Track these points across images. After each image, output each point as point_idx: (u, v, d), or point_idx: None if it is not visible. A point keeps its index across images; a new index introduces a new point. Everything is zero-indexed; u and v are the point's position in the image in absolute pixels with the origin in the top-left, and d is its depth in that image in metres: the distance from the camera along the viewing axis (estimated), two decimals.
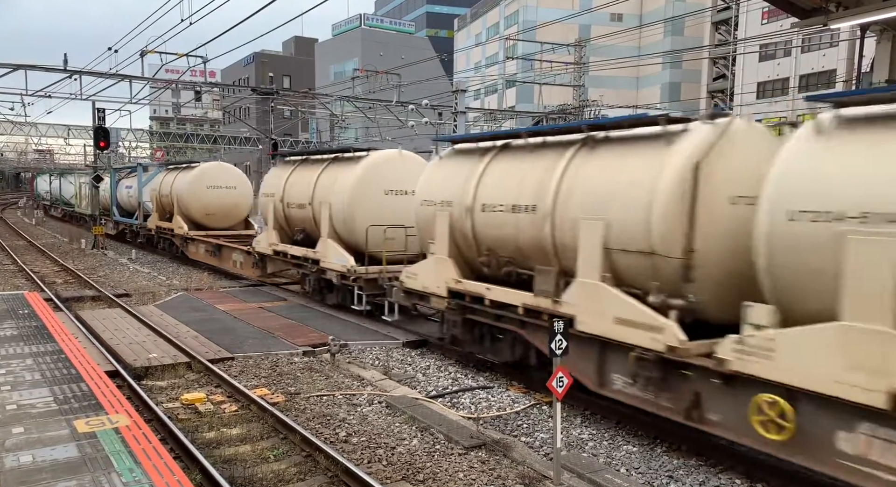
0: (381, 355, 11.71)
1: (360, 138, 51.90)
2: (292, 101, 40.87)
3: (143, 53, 25.17)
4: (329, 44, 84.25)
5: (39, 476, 5.58)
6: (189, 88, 32.93)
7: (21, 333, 10.92)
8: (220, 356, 11.08)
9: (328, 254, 14.91)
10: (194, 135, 55.51)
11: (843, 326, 5.67)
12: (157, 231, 25.85)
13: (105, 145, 27.86)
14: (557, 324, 6.77)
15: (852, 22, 11.17)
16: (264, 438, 7.79)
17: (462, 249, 10.86)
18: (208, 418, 8.37)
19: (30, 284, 19.10)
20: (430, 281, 11.32)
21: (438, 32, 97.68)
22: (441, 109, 35.58)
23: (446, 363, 11.33)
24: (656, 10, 60.47)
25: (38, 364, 9.01)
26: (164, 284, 19.46)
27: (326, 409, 8.82)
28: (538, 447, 7.84)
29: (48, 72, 25.18)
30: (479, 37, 75.24)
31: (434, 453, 7.41)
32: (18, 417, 6.98)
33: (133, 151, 62.34)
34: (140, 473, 5.65)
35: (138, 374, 10.03)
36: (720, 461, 7.37)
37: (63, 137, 51.50)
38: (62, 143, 63.73)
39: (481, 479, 6.75)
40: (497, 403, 9.28)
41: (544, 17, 55.11)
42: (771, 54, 45.61)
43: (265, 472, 6.77)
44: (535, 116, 40.30)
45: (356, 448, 7.51)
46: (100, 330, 12.61)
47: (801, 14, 11.73)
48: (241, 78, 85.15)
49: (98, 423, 6.82)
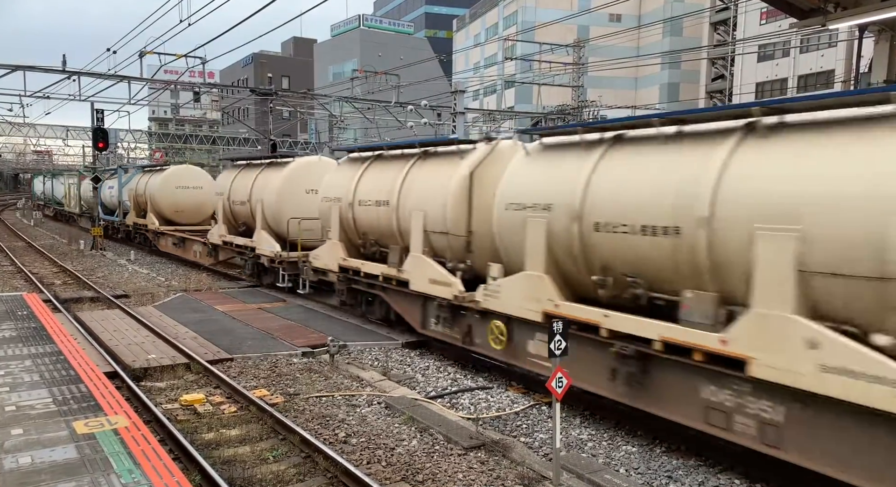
0: (381, 355, 11.71)
1: (359, 139, 51.89)
2: (291, 101, 40.87)
3: (142, 54, 25.14)
4: (328, 44, 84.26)
5: (38, 478, 5.57)
6: (188, 88, 32.93)
7: (20, 334, 10.91)
8: (219, 357, 11.07)
9: (261, 242, 18.07)
10: (193, 136, 55.47)
11: (525, 274, 9.16)
12: (133, 227, 29.38)
13: (104, 146, 27.84)
14: (556, 324, 6.74)
15: (850, 22, 11.19)
16: (263, 439, 7.78)
17: (348, 234, 13.94)
18: (207, 419, 8.36)
19: (28, 285, 19.08)
20: (328, 260, 14.37)
21: (437, 33, 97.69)
22: (440, 110, 35.59)
23: (445, 364, 11.32)
24: (655, 10, 60.49)
25: (37, 366, 9.00)
26: (163, 285, 19.45)
27: (325, 410, 8.82)
28: (537, 447, 7.84)
29: (47, 73, 25.15)
30: (478, 37, 75.23)
31: (433, 453, 7.41)
32: (17, 418, 6.97)
33: (132, 152, 62.26)
34: (139, 474, 5.65)
35: (137, 375, 10.02)
36: (719, 461, 7.38)
37: (62, 138, 51.40)
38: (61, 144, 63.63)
39: (480, 480, 6.75)
40: (496, 403, 9.27)
41: (543, 18, 55.13)
42: (769, 55, 45.63)
43: (264, 473, 6.77)
44: (534, 116, 40.31)
45: (355, 449, 7.50)
46: (99, 331, 12.60)
47: (799, 14, 11.75)
48: (240, 79, 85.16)
49: (97, 424, 6.82)
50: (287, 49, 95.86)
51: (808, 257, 5.88)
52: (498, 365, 10.73)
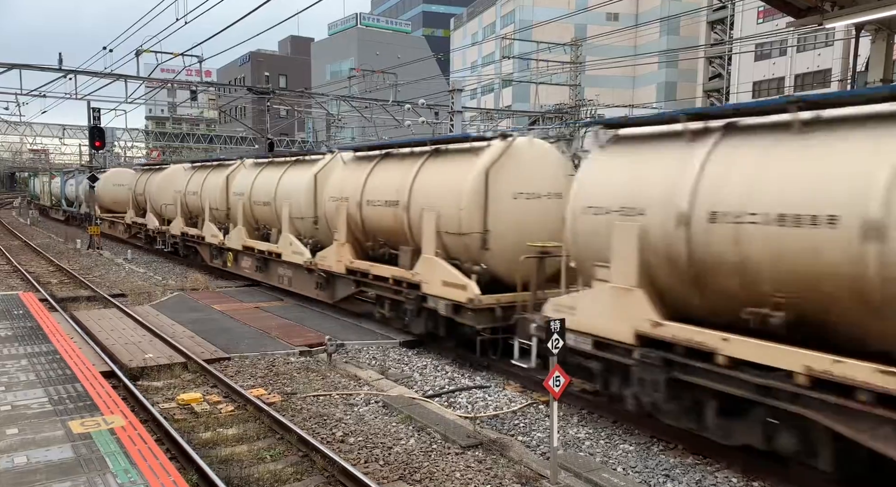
0: (378, 354, 11.70)
1: (356, 138, 51.80)
2: (288, 100, 40.80)
3: (139, 53, 25.08)
4: (325, 43, 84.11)
5: (34, 478, 5.55)
6: (185, 87, 32.86)
7: (16, 333, 10.87)
8: (217, 356, 11.05)
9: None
10: (190, 135, 55.38)
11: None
12: (84, 215, 38.26)
13: (101, 145, 27.75)
14: (554, 323, 6.73)
15: (847, 21, 11.19)
16: (261, 438, 7.76)
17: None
18: (204, 418, 8.34)
19: (25, 284, 19.03)
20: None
21: (435, 32, 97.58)
22: (437, 109, 35.53)
23: (443, 363, 11.31)
24: (652, 9, 60.51)
25: (33, 365, 8.97)
26: (160, 284, 19.41)
27: (323, 409, 8.80)
28: (535, 446, 7.83)
29: (43, 71, 25.06)
30: (476, 36, 75.19)
31: (431, 452, 7.40)
32: (13, 418, 6.95)
33: (129, 151, 62.09)
34: (135, 474, 5.63)
35: (134, 374, 9.99)
36: (716, 459, 7.38)
37: (58, 136, 51.25)
38: (57, 143, 63.47)
39: (478, 479, 6.74)
40: (494, 402, 9.27)
41: (540, 17, 55.09)
42: (766, 54, 45.69)
43: (262, 472, 6.75)
44: (532, 115, 40.30)
45: (353, 448, 7.49)
46: (95, 331, 12.56)
47: (796, 13, 11.74)
48: (237, 77, 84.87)
49: (93, 424, 6.79)
50: (284, 48, 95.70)
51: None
52: (495, 364, 10.71)
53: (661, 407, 7.47)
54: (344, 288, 14.28)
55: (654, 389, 7.40)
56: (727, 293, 6.70)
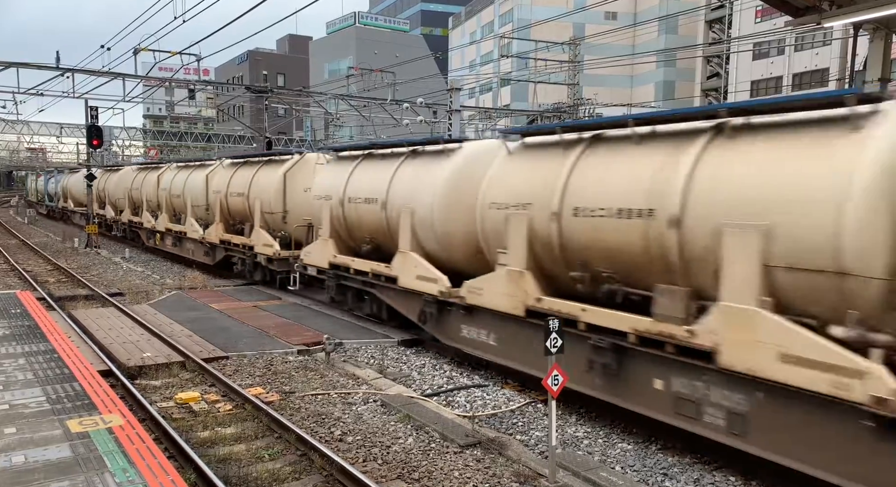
0: (377, 353, 11.69)
1: (354, 137, 51.80)
2: (286, 99, 40.74)
3: (137, 51, 25.03)
4: (323, 42, 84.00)
5: (32, 477, 5.54)
6: (182, 86, 32.79)
7: (13, 332, 10.85)
8: (215, 355, 11.04)
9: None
10: (188, 133, 55.32)
11: None
12: (62, 209, 46.14)
13: (98, 144, 27.71)
14: (552, 322, 6.76)
15: (845, 20, 11.21)
16: (259, 437, 7.76)
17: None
18: (203, 417, 8.34)
19: (22, 283, 18.99)
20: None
21: (433, 30, 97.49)
22: (436, 108, 35.51)
23: (441, 362, 11.32)
24: (650, 8, 60.49)
25: (31, 364, 8.96)
26: (158, 283, 19.38)
27: (321, 408, 8.80)
28: (533, 445, 7.84)
29: (40, 69, 24.99)
30: (474, 35, 75.11)
31: (429, 451, 7.40)
32: (11, 417, 6.94)
33: (126, 150, 62.02)
34: (134, 473, 5.62)
35: (132, 373, 9.98)
36: (715, 458, 7.39)
37: (56, 135, 51.18)
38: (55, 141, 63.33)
39: (476, 477, 6.75)
40: (492, 401, 9.27)
41: (539, 16, 55.05)
42: (764, 53, 45.72)
43: (260, 471, 6.75)
44: (530, 114, 40.30)
45: (351, 447, 7.49)
46: (93, 329, 12.54)
47: (794, 12, 11.75)
48: (235, 76, 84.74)
49: (91, 423, 6.79)
50: (282, 46, 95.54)
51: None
52: (494, 363, 10.71)
53: (336, 299, 14.51)
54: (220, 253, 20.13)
55: (332, 289, 14.29)
56: (357, 238, 10.00)
